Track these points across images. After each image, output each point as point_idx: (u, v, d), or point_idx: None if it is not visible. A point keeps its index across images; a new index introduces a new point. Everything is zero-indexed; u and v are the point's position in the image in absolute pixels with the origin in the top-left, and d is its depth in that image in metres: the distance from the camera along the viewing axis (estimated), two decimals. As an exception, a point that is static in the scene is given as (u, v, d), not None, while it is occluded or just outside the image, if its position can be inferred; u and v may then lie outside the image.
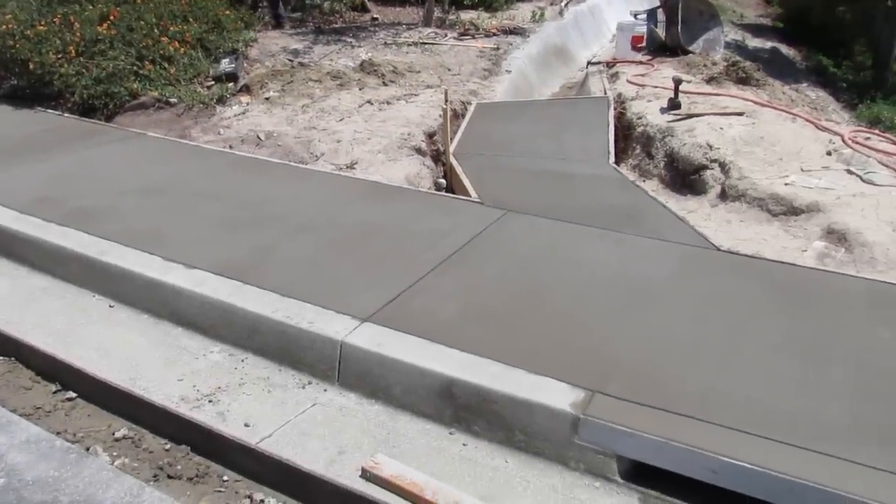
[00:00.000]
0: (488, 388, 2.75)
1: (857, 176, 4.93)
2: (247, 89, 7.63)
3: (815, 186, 4.80)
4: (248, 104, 7.21)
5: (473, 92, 8.07)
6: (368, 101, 7.15)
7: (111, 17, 7.83)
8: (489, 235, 4.20)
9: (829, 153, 5.33)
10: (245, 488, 2.65)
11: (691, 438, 2.49)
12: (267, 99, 7.33)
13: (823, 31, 19.00)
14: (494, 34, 10.86)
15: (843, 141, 5.53)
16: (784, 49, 18.27)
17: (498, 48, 10.01)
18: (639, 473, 2.56)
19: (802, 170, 5.08)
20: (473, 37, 10.63)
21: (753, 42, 17.94)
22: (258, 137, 6.24)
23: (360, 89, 7.67)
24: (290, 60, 8.86)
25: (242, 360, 3.26)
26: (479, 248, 4.03)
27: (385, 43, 10.05)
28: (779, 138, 5.56)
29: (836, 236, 4.33)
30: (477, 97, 7.88)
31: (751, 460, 2.38)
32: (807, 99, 8.45)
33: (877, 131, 6.20)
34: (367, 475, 2.50)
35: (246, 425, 2.80)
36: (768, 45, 17.99)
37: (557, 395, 2.69)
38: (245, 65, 8.43)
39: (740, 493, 2.38)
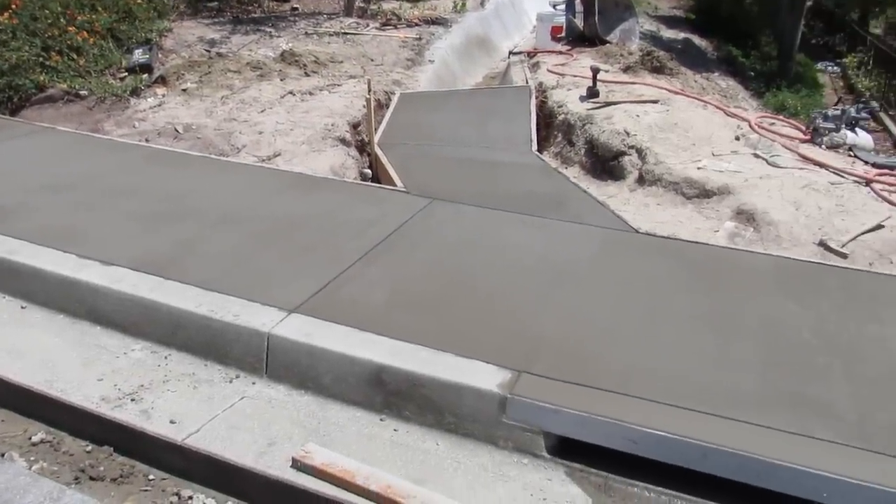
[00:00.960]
0: (417, 374, 2.78)
1: (763, 159, 5.19)
2: (162, 81, 7.39)
3: (725, 170, 5.03)
4: (164, 96, 6.99)
5: (397, 82, 8.07)
6: (290, 92, 7.05)
7: (13, 6, 7.43)
8: (416, 223, 4.22)
9: (737, 138, 5.60)
10: (173, 486, 2.60)
11: (613, 412, 2.58)
12: (184, 90, 7.13)
13: (733, 23, 19.80)
14: (416, 24, 10.87)
15: (750, 126, 5.81)
16: (696, 40, 18.95)
17: (420, 38, 10.03)
18: (565, 448, 2.64)
19: (713, 154, 5.32)
20: (396, 27, 10.61)
21: (667, 33, 18.53)
22: (176, 130, 6.06)
23: (281, 80, 7.55)
24: (207, 51, 8.64)
25: (166, 357, 3.18)
26: (406, 236, 4.05)
27: (306, 33, 9.91)
28: (691, 125, 5.80)
29: (745, 216, 4.56)
30: (400, 87, 7.89)
31: (668, 429, 2.49)
32: (717, 87, 8.83)
33: (781, 117, 6.54)
34: (297, 465, 2.49)
35: (171, 422, 2.74)
36: (681, 35, 18.63)
37: (485, 377, 2.75)
38: (160, 55, 8.16)
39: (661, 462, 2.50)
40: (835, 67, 22.23)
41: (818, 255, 4.13)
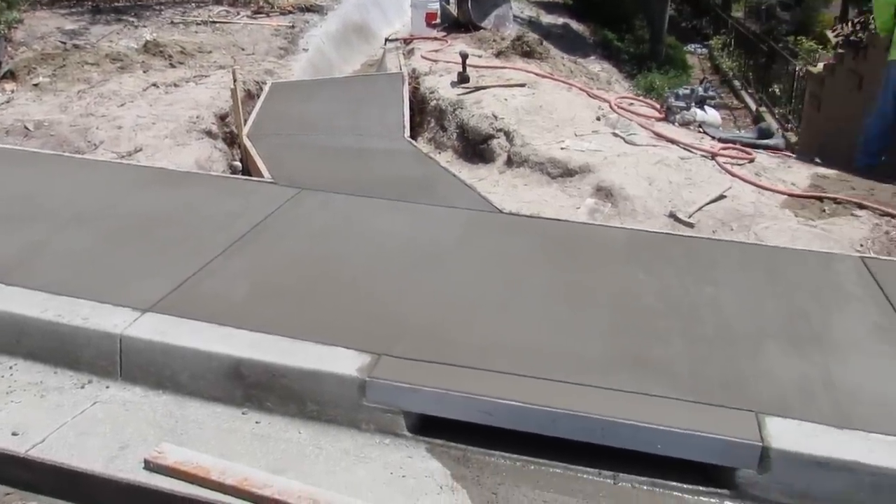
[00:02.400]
0: (277, 364, 2.77)
1: (622, 138, 5.46)
2: (11, 76, 6.92)
3: (586, 149, 5.26)
4: (13, 92, 6.55)
5: (269, 71, 7.90)
6: (154, 84, 6.77)
7: None
8: (283, 214, 4.17)
9: (598, 118, 5.86)
10: (19, 499, 2.47)
11: (470, 387, 2.67)
12: (36, 85, 6.70)
13: (608, 7, 20.58)
14: (290, 12, 10.66)
15: (610, 107, 6.09)
16: (575, 25, 19.57)
17: (294, 26, 9.85)
18: (426, 425, 2.71)
19: (576, 135, 5.54)
20: (268, 14, 10.37)
21: (547, 18, 19.04)
22: (26, 128, 5.70)
23: (144, 72, 7.23)
24: (62, 42, 8.15)
25: (11, 368, 3.01)
26: (272, 227, 4.00)
27: (172, 22, 9.52)
28: (555, 107, 6.01)
29: (604, 193, 4.79)
30: (273, 76, 7.73)
31: (521, 399, 2.60)
32: (584, 70, 9.19)
33: (639, 97, 6.89)
34: (150, 466, 2.43)
35: (14, 434, 2.60)
36: (560, 20, 19.19)
37: (345, 362, 2.77)
38: (8, 49, 7.62)
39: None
40: (702, 49, 23.56)
41: (668, 226, 4.40)
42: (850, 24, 9.70)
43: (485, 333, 3.03)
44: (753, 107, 16.30)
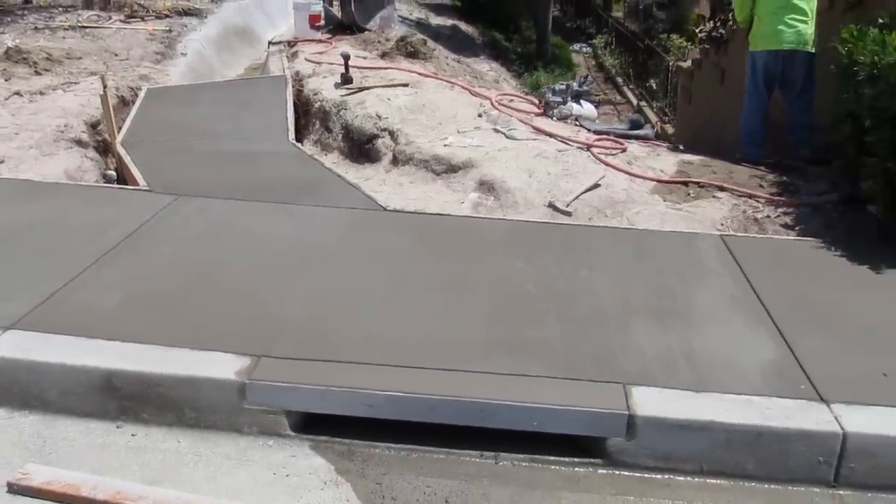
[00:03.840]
0: (150, 373, 2.69)
1: (503, 133, 5.61)
2: None
3: (468, 145, 5.37)
4: None
5: (145, 77, 7.61)
6: (17, 93, 6.38)
7: None
8: (159, 221, 4.04)
9: (480, 115, 6.00)
10: None
11: (351, 381, 2.69)
12: None
13: (495, 8, 21.01)
14: (167, 16, 10.31)
15: (492, 104, 6.25)
16: (463, 26, 19.87)
17: (171, 30, 9.52)
18: (310, 423, 2.71)
19: (459, 131, 5.65)
20: (143, 19, 9.98)
21: (436, 20, 19.24)
22: None
23: (6, 80, 6.81)
24: (-90, 51, 7.53)
25: None
26: (147, 235, 3.87)
27: (36, 27, 8.99)
28: (438, 105, 6.11)
29: (487, 187, 4.91)
30: (149, 82, 7.45)
31: (401, 389, 2.65)
32: (468, 69, 9.37)
33: (519, 94, 7.10)
34: (14, 489, 2.31)
35: None
36: (449, 22, 19.43)
37: (223, 366, 2.73)
38: None
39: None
40: (587, 48, 24.49)
41: (548, 216, 4.56)
42: (712, 21, 10.35)
43: (366, 328, 3.06)
44: (634, 101, 17.11)
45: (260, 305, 3.20)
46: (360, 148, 5.89)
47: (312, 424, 2.71)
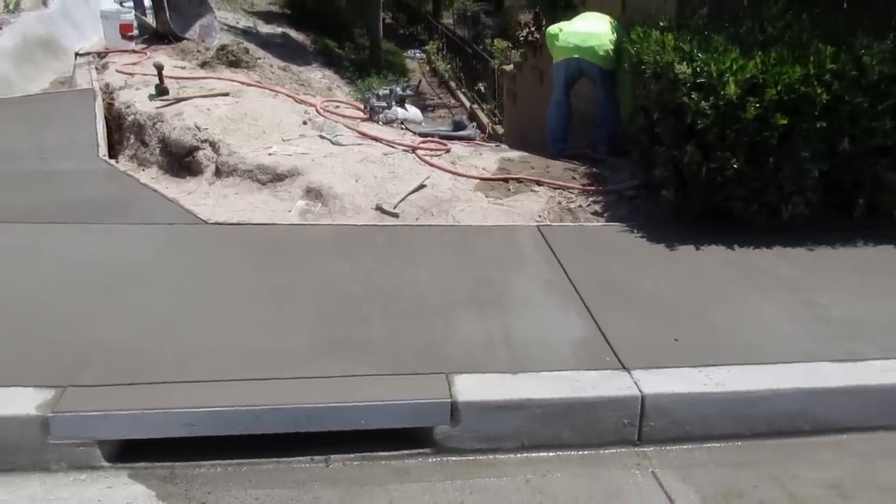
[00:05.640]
0: (-66, 419, 2.44)
1: (328, 140, 5.61)
2: None
3: (294, 153, 5.31)
4: None
5: (-73, 97, 6.83)
6: None
7: None
8: (-56, 253, 3.66)
9: (305, 122, 5.95)
10: None
11: (168, 402, 2.58)
12: None
13: (326, 17, 20.88)
14: (-48, 28, 9.29)
15: (317, 111, 6.22)
16: (294, 34, 19.54)
17: (-42, 43, 8.60)
18: (127, 450, 2.57)
19: (283, 139, 5.58)
20: (-77, 31, 8.93)
21: (265, 28, 18.78)
22: None
23: None
24: None
25: None
26: (-71, 269, 3.49)
27: None
28: (261, 113, 5.99)
29: (314, 193, 4.88)
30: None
31: (223, 404, 2.58)
32: (295, 77, 9.25)
33: (346, 100, 7.13)
34: None
35: None
36: (280, 30, 19.03)
37: (21, 402, 2.52)
38: None
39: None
40: (421, 54, 24.99)
41: (376, 219, 4.61)
42: (528, 26, 10.93)
43: (184, 346, 2.95)
44: (468, 104, 17.71)
45: (67, 332, 2.99)
46: (181, 161, 5.65)
47: (131, 452, 2.58)
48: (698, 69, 4.05)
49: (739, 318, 3.31)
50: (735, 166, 4.00)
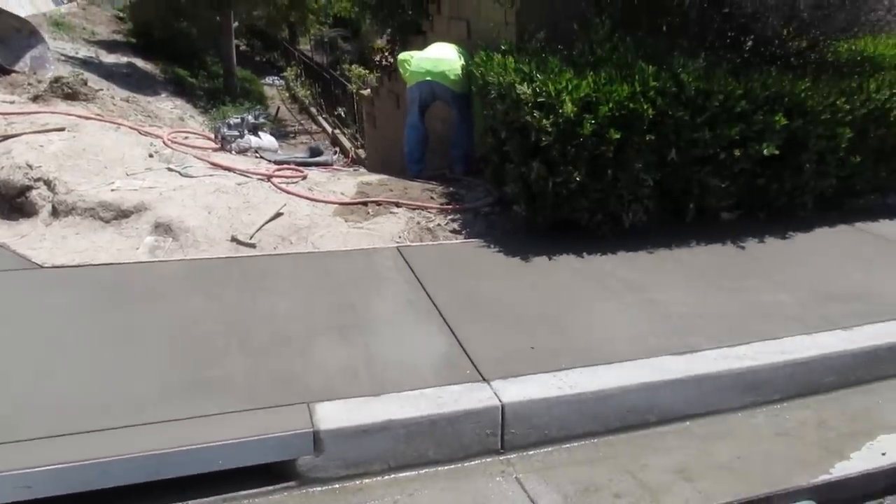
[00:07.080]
0: None
1: (177, 172, 5.38)
2: None
3: (139, 188, 5.06)
4: None
5: None
6: None
7: None
8: None
9: (151, 155, 5.68)
10: None
11: (-1, 464, 2.37)
12: None
13: (174, 45, 20.13)
14: None
15: (164, 142, 5.96)
16: (141, 63, 18.68)
17: None
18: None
19: (127, 174, 5.30)
20: None
21: (109, 58, 17.84)
22: None
23: None
24: None
25: None
26: None
27: None
28: (102, 147, 5.66)
29: (164, 228, 4.66)
30: None
31: (63, 460, 2.39)
32: (140, 108, 8.83)
33: (196, 131, 6.89)
34: None
35: None
36: (125, 60, 18.14)
37: None
38: None
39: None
40: (279, 80, 24.64)
41: (232, 250, 4.47)
42: (383, 51, 11.10)
43: (15, 402, 2.71)
44: (330, 130, 17.65)
45: None
46: (12, 203, 5.22)
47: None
48: (538, 89, 4.26)
49: (589, 322, 3.49)
50: (578, 179, 4.23)
